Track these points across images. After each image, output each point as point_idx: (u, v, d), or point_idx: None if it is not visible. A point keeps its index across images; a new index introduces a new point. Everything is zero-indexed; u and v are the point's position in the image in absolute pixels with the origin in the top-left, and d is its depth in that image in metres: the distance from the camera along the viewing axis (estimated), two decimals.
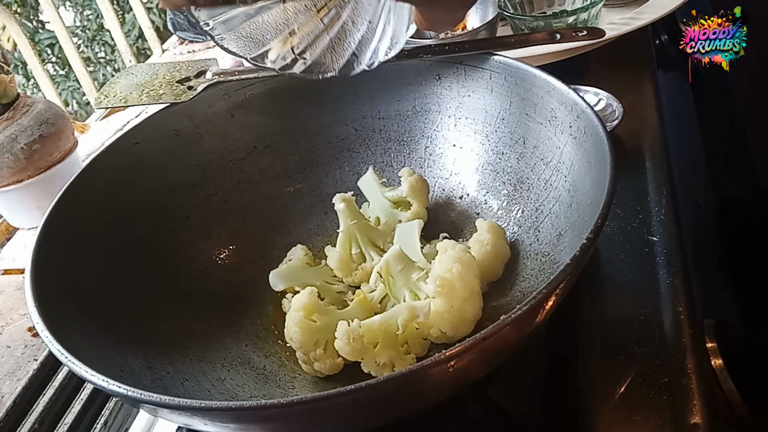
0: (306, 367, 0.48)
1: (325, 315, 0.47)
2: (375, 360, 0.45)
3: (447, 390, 0.38)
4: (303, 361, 0.48)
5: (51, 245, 0.46)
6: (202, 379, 0.46)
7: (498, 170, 0.56)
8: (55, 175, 0.75)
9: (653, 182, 0.61)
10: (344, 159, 0.62)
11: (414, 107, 0.60)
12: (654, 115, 0.70)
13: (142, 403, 0.34)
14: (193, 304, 0.52)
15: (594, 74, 0.77)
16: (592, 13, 0.76)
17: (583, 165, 0.46)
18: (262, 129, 0.61)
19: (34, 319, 0.40)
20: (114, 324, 0.46)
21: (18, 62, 2.49)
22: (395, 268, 0.48)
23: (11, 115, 0.73)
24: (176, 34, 1.33)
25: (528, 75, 0.52)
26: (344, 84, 0.61)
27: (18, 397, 0.57)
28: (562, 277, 0.35)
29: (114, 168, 0.54)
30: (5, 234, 0.82)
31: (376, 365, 0.45)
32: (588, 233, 0.37)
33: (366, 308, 0.49)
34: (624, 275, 0.53)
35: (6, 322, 0.67)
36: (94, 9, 2.82)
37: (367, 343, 0.44)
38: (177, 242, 0.55)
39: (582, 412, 0.44)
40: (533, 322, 0.36)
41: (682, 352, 0.46)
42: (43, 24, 2.88)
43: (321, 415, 0.34)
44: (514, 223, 0.54)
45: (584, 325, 0.50)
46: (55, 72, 2.83)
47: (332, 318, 0.47)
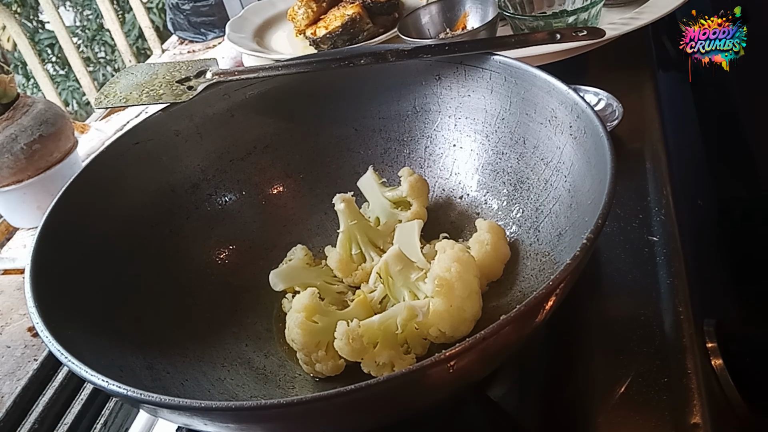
0: (307, 368, 0.48)
1: (326, 316, 0.47)
2: (375, 360, 0.44)
3: (447, 390, 0.38)
4: (304, 363, 0.47)
5: (51, 245, 0.46)
6: (202, 379, 0.46)
7: (498, 170, 0.56)
8: (55, 175, 0.75)
9: (653, 182, 0.61)
10: (344, 159, 0.62)
11: (414, 107, 0.60)
12: (654, 115, 0.70)
13: (142, 403, 0.34)
14: (193, 304, 0.52)
15: (594, 74, 0.77)
16: (592, 13, 0.76)
17: (583, 165, 0.46)
18: (262, 129, 0.61)
19: (34, 319, 0.40)
20: (114, 324, 0.46)
21: (18, 62, 2.49)
22: (394, 268, 0.47)
23: (11, 115, 0.73)
24: (176, 34, 1.33)
25: (528, 75, 0.52)
26: (344, 84, 0.61)
27: (18, 397, 0.57)
28: (562, 277, 0.35)
29: (114, 168, 0.54)
30: (5, 234, 0.82)
31: (376, 365, 0.44)
32: (588, 233, 0.37)
33: (366, 308, 0.49)
34: (624, 275, 0.53)
35: (6, 322, 0.67)
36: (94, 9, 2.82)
37: (367, 343, 0.44)
38: (177, 242, 0.55)
39: (582, 412, 0.44)
40: (533, 322, 0.36)
41: (682, 352, 0.46)
42: (43, 24, 2.88)
43: (321, 415, 0.34)
44: (514, 223, 0.54)
45: (584, 325, 0.50)
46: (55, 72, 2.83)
47: (333, 319, 0.47)
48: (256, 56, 0.91)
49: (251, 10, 1.05)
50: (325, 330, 0.46)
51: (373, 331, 0.45)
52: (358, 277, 0.54)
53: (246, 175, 0.61)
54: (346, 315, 0.48)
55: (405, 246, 0.50)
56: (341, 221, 0.54)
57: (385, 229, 0.56)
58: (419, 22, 0.86)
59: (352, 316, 0.47)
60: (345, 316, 0.47)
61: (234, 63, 1.09)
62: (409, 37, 0.81)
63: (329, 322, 0.47)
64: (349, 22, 0.88)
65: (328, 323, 0.47)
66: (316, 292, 0.48)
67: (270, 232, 0.59)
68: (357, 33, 0.89)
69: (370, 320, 0.45)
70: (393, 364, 0.44)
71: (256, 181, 0.61)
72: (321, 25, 0.91)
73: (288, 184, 0.62)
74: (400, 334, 0.45)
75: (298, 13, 0.94)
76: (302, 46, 0.95)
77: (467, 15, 0.85)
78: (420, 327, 0.46)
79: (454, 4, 0.86)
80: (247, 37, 0.97)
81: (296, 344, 0.47)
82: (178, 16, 1.28)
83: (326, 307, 0.49)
